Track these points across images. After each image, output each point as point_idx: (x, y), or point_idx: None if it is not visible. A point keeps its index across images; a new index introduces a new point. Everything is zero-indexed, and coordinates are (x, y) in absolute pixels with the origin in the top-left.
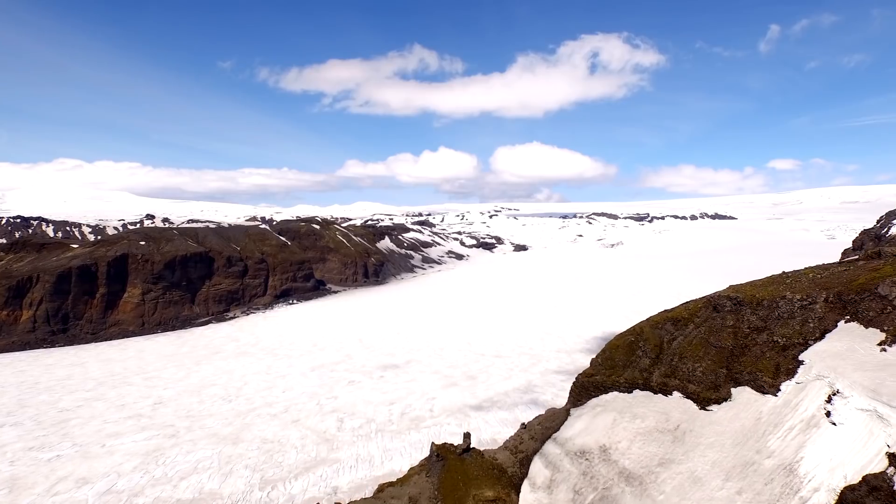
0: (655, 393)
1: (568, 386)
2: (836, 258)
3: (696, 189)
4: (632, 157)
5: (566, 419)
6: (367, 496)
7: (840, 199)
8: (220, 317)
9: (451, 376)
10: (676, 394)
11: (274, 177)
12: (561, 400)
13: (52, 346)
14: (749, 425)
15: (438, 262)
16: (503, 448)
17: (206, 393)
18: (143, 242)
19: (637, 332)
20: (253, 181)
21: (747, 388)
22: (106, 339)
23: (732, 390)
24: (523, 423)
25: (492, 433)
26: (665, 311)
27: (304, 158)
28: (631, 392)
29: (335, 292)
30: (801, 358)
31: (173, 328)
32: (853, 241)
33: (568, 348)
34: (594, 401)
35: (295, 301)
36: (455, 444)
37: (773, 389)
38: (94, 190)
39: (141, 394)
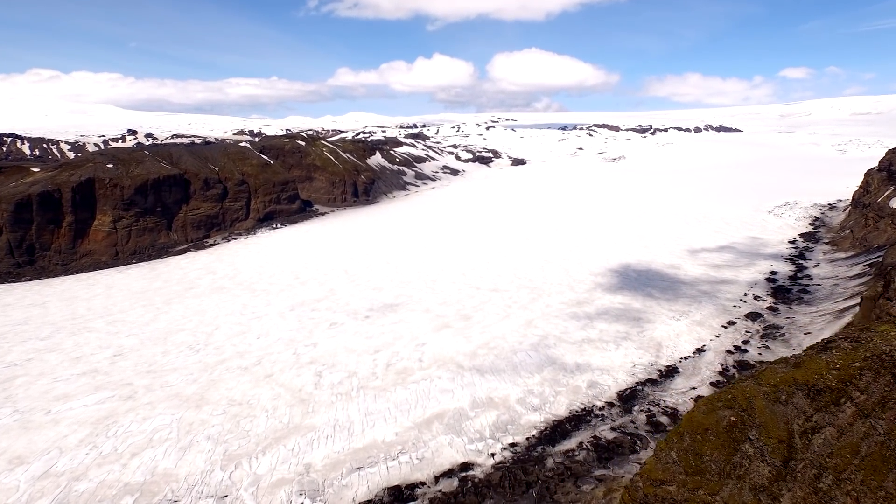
0: None
1: (574, 333)
2: (855, 177)
3: (701, 99)
4: (635, 65)
5: None
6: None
7: (850, 111)
8: (200, 244)
9: (443, 315)
10: None
11: (263, 86)
12: (565, 350)
13: (19, 279)
14: None
15: (432, 179)
16: None
17: (173, 341)
18: (110, 165)
19: (739, 403)
20: (241, 91)
21: None
22: (77, 272)
23: None
24: None
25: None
26: (785, 361)
27: (293, 67)
28: None
29: (322, 214)
30: None
31: (149, 257)
32: (880, 162)
33: (571, 281)
34: None
35: (279, 225)
36: None
37: None
38: (74, 103)
39: (101, 342)
